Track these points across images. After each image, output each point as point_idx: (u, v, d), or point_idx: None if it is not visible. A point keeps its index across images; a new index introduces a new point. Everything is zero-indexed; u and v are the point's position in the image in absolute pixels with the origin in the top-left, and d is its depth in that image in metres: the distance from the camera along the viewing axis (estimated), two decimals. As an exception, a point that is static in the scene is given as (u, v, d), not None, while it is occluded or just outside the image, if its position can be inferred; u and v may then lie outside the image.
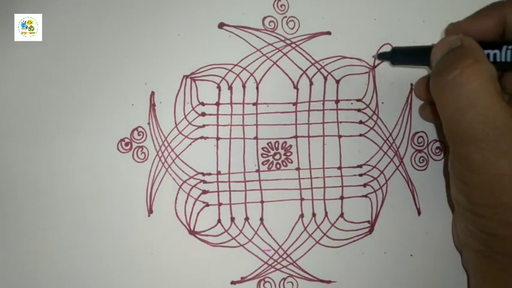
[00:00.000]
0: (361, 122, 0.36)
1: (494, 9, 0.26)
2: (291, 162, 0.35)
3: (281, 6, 0.36)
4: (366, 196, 0.36)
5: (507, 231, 0.25)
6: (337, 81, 0.36)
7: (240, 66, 0.35)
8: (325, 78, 0.36)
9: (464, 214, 0.27)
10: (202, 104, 0.35)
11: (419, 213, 0.35)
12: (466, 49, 0.25)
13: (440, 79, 0.24)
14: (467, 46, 0.25)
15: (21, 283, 0.34)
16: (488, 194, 0.24)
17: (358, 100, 0.36)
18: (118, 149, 0.34)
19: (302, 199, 0.35)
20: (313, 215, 0.35)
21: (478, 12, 0.27)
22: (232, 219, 0.35)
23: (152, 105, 0.35)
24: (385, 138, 0.36)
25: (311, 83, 0.36)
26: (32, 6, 0.34)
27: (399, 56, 0.32)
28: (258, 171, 0.35)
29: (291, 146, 0.35)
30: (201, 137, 0.35)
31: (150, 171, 0.34)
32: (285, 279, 0.35)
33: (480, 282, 0.28)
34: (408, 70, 0.35)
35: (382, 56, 0.34)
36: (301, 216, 0.35)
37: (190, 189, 0.35)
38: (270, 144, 0.35)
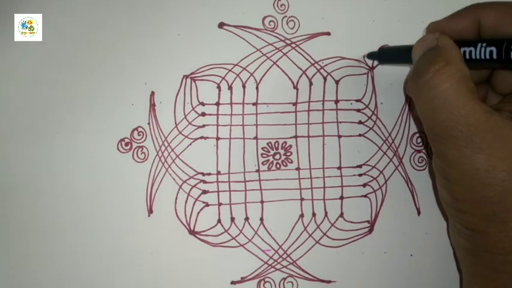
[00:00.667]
0: (360, 122, 0.36)
1: (470, 10, 0.28)
2: (291, 162, 0.35)
3: (281, 6, 0.36)
4: (365, 196, 0.36)
5: (489, 227, 0.25)
6: (337, 82, 0.36)
7: (240, 66, 0.35)
8: (325, 79, 0.36)
9: (450, 211, 0.28)
10: (202, 104, 0.35)
11: (419, 213, 0.35)
12: (439, 51, 0.26)
13: (415, 82, 0.27)
14: (441, 47, 0.26)
15: (22, 283, 0.34)
16: (468, 188, 0.25)
17: (357, 100, 0.36)
18: (118, 149, 0.34)
19: (302, 199, 0.35)
20: (313, 215, 0.35)
21: (456, 13, 0.29)
22: (232, 219, 0.35)
23: (152, 105, 0.35)
24: (384, 139, 0.36)
25: (311, 83, 0.36)
26: (32, 6, 0.34)
27: (385, 55, 0.34)
28: (258, 171, 0.35)
29: (290, 146, 0.35)
30: (201, 137, 0.35)
31: (150, 171, 0.34)
32: (285, 279, 0.35)
33: (470, 280, 0.28)
34: (408, 71, 0.36)
35: (371, 56, 0.35)
36: (301, 216, 0.35)
37: (190, 189, 0.35)
38: (270, 144, 0.35)
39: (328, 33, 0.36)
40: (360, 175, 0.36)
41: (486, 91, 0.31)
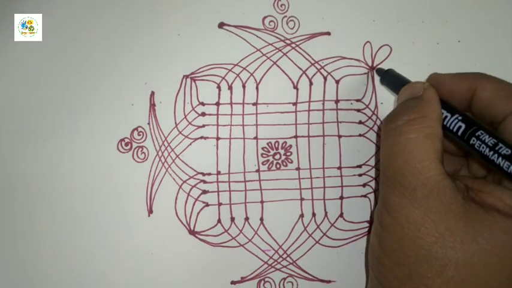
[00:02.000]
0: (360, 122, 0.36)
1: (471, 76, 0.28)
2: (291, 162, 0.35)
3: (281, 5, 0.36)
4: (365, 196, 0.36)
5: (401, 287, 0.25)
6: (337, 82, 0.36)
7: (240, 66, 0.35)
8: (325, 79, 0.36)
9: (372, 260, 0.28)
10: (202, 104, 0.35)
11: (418, 213, 0.35)
12: (420, 102, 0.26)
13: (386, 124, 0.27)
14: (424, 99, 0.27)
15: (21, 283, 0.34)
16: (395, 240, 0.25)
17: (357, 100, 0.36)
18: (118, 149, 0.34)
19: (302, 199, 0.35)
20: (313, 214, 0.35)
21: (458, 74, 0.29)
22: (232, 219, 0.35)
23: (152, 105, 0.35)
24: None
25: (311, 83, 0.36)
26: (32, 6, 0.34)
27: (388, 79, 0.34)
28: (258, 171, 0.35)
29: (291, 146, 0.35)
30: (201, 137, 0.35)
31: (150, 171, 0.35)
32: (285, 279, 0.35)
33: None
34: (407, 71, 0.35)
35: (378, 72, 0.35)
36: (301, 216, 0.35)
37: (190, 189, 0.35)
38: (270, 144, 0.35)
39: (328, 33, 0.36)
40: (360, 175, 0.36)
41: (461, 165, 0.31)
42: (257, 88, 0.35)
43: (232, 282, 0.35)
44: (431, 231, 0.24)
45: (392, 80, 0.33)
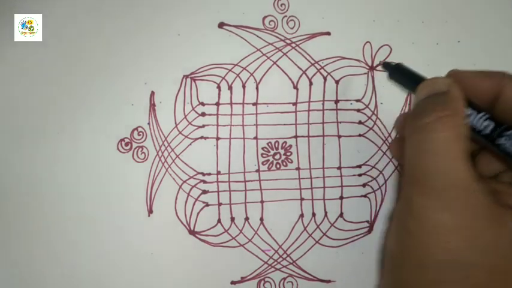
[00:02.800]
0: (360, 122, 0.36)
1: (499, 74, 0.27)
2: (291, 162, 0.35)
3: (281, 5, 0.36)
4: (365, 196, 0.36)
5: None
6: (337, 82, 0.36)
7: (240, 66, 0.35)
8: (325, 79, 0.36)
9: (389, 264, 0.27)
10: (202, 104, 0.35)
11: (418, 213, 0.35)
12: (450, 99, 0.25)
13: (415, 121, 0.25)
14: (452, 96, 0.25)
15: (22, 283, 0.34)
16: (421, 243, 0.24)
17: (357, 100, 0.36)
18: (118, 149, 0.34)
19: (302, 199, 0.35)
20: (313, 214, 0.35)
21: (483, 71, 0.27)
22: (232, 219, 0.35)
23: (152, 105, 0.35)
24: (384, 139, 0.36)
25: (311, 83, 0.36)
26: (32, 6, 0.34)
27: (398, 73, 0.32)
28: (258, 171, 0.35)
29: (290, 146, 0.35)
30: (201, 137, 0.35)
31: (150, 171, 0.35)
32: (285, 279, 0.35)
33: None
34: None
35: (385, 65, 0.33)
36: (301, 216, 0.35)
37: (190, 189, 0.35)
38: (270, 144, 0.35)
39: (328, 33, 0.36)
40: (360, 175, 0.36)
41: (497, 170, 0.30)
42: (257, 88, 0.35)
43: (232, 282, 0.35)
44: (462, 236, 0.23)
45: (405, 76, 0.31)
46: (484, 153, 0.29)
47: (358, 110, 0.36)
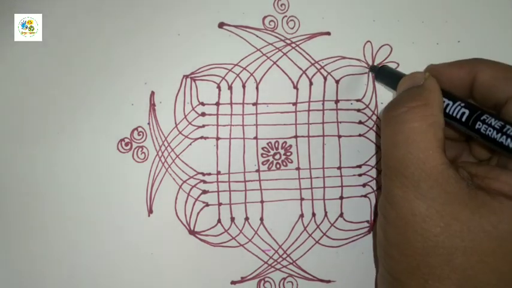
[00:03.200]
0: (360, 122, 0.36)
1: (470, 63, 0.28)
2: (291, 162, 0.35)
3: (281, 5, 0.36)
4: (365, 196, 0.36)
5: (410, 279, 0.25)
6: (337, 82, 0.36)
7: (240, 66, 0.35)
8: (325, 79, 0.36)
9: (380, 253, 0.28)
10: (202, 104, 0.35)
11: (418, 213, 0.35)
12: (422, 90, 0.26)
13: (388, 112, 0.26)
14: (425, 87, 0.26)
15: (22, 283, 0.34)
16: (400, 232, 0.25)
17: (357, 100, 0.36)
18: (118, 149, 0.34)
19: (302, 199, 0.35)
20: (313, 214, 0.35)
21: (456, 61, 0.29)
22: (232, 219, 0.35)
23: (152, 105, 0.35)
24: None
25: (311, 83, 0.36)
26: (32, 6, 0.34)
27: (382, 75, 0.34)
28: (258, 171, 0.35)
29: (290, 146, 0.35)
30: (201, 137, 0.35)
31: (150, 171, 0.35)
32: (284, 279, 0.35)
33: None
34: (408, 71, 0.35)
35: (372, 69, 0.35)
36: (301, 216, 0.35)
37: (190, 189, 0.35)
38: (270, 144, 0.35)
39: (328, 33, 0.36)
40: (360, 175, 0.36)
41: (462, 150, 0.31)
42: (257, 88, 0.35)
43: (232, 282, 0.35)
44: (437, 222, 0.24)
45: (388, 76, 0.33)
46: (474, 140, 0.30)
47: (358, 110, 0.36)
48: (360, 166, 0.36)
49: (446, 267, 0.24)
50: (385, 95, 0.36)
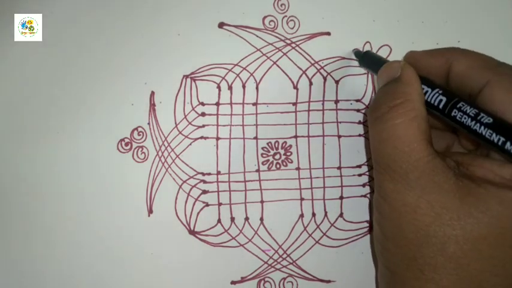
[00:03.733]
0: (360, 122, 0.36)
1: (446, 51, 0.28)
2: (291, 162, 0.35)
3: (281, 5, 0.36)
4: (365, 196, 0.36)
5: (407, 271, 0.25)
6: (337, 82, 0.36)
7: (240, 66, 0.35)
8: (325, 79, 0.36)
9: (377, 247, 0.28)
10: (202, 104, 0.35)
11: (418, 213, 0.35)
12: (400, 85, 0.27)
13: (371, 114, 0.27)
14: (403, 81, 0.27)
15: (22, 283, 0.34)
16: (395, 225, 0.25)
17: (357, 100, 0.36)
18: (118, 149, 0.34)
19: (302, 199, 0.35)
20: (313, 214, 0.35)
21: (433, 50, 0.29)
22: (232, 219, 0.35)
23: (152, 105, 0.35)
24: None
25: (311, 83, 0.36)
26: (32, 6, 0.34)
27: (366, 60, 0.34)
28: (258, 171, 0.35)
29: (290, 146, 0.35)
30: (201, 137, 0.35)
31: (150, 171, 0.35)
32: (284, 279, 0.35)
33: None
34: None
35: (356, 54, 0.35)
36: (301, 216, 0.35)
37: (190, 189, 0.35)
38: (270, 144, 0.35)
39: (328, 33, 0.36)
40: (360, 175, 0.36)
41: (453, 140, 0.31)
42: (257, 88, 0.35)
43: (232, 282, 0.35)
44: (427, 212, 0.24)
45: (371, 61, 0.33)
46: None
47: (358, 110, 0.36)
48: (359, 166, 0.36)
49: (440, 256, 0.24)
50: (385, 95, 0.36)
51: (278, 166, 0.35)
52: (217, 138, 0.35)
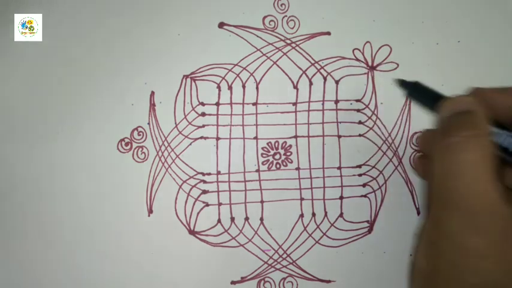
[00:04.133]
0: (360, 122, 0.36)
1: None
2: (291, 162, 0.35)
3: (281, 5, 0.36)
4: (365, 196, 0.36)
5: None
6: (337, 82, 0.36)
7: (240, 66, 0.35)
8: (325, 79, 0.36)
9: (419, 282, 0.26)
10: (202, 104, 0.35)
11: (418, 213, 0.35)
12: (476, 118, 0.24)
13: (442, 140, 0.25)
14: (476, 114, 0.24)
15: (22, 283, 0.34)
16: (455, 265, 0.24)
17: (357, 100, 0.36)
18: (118, 149, 0.34)
19: (302, 199, 0.35)
20: (313, 214, 0.35)
21: (504, 87, 0.27)
22: (232, 219, 0.35)
23: (152, 105, 0.35)
24: (384, 139, 0.36)
25: (311, 83, 0.36)
26: (32, 6, 0.34)
27: (418, 92, 0.30)
28: (258, 171, 0.35)
29: (290, 145, 0.35)
30: (201, 137, 0.35)
31: (150, 171, 0.35)
32: (284, 279, 0.35)
33: None
34: (407, 71, 0.35)
35: (403, 84, 0.30)
36: (301, 216, 0.35)
37: (190, 189, 0.35)
38: (269, 144, 0.35)
39: (328, 33, 0.36)
40: (360, 175, 0.36)
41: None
42: (257, 88, 0.35)
43: (232, 282, 0.35)
44: (492, 259, 0.23)
45: (424, 94, 0.29)
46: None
47: (358, 110, 0.36)
48: (359, 166, 0.36)
49: None
50: (385, 96, 0.36)
51: (278, 166, 0.35)
52: (217, 138, 0.35)
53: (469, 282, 0.23)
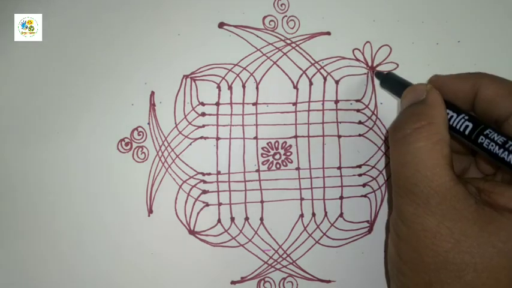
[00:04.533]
0: (360, 122, 0.36)
1: (473, 76, 0.28)
2: (291, 162, 0.35)
3: (281, 5, 0.36)
4: (365, 196, 0.36)
5: None
6: (337, 82, 0.36)
7: (240, 66, 0.35)
8: (325, 79, 0.36)
9: (392, 271, 0.28)
10: (202, 104, 0.35)
11: (418, 213, 0.35)
12: (425, 108, 0.26)
13: (394, 135, 0.27)
14: (428, 103, 0.26)
15: (21, 283, 0.34)
16: (412, 249, 0.25)
17: (357, 100, 0.36)
18: (118, 149, 0.34)
19: (302, 199, 0.35)
20: (313, 214, 0.35)
21: (459, 74, 0.29)
22: (232, 219, 0.35)
23: (152, 105, 0.35)
24: (384, 139, 0.36)
25: (311, 83, 0.36)
26: (32, 6, 0.34)
27: (388, 82, 0.33)
28: (258, 171, 0.35)
29: (290, 145, 0.35)
30: (201, 137, 0.35)
31: (150, 171, 0.35)
32: (284, 279, 0.35)
33: None
34: (407, 71, 0.35)
35: (377, 75, 0.35)
36: (301, 216, 0.35)
37: (190, 189, 0.35)
38: (269, 144, 0.35)
39: (328, 33, 0.36)
40: (360, 175, 0.36)
41: (469, 163, 0.31)
42: (257, 88, 0.35)
43: (232, 282, 0.35)
44: (447, 238, 0.24)
45: (393, 83, 0.33)
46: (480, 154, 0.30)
47: (358, 110, 0.36)
48: (359, 166, 0.36)
49: (457, 283, 0.24)
50: (385, 95, 0.36)
51: (278, 166, 0.35)
52: (217, 138, 0.35)
53: (426, 262, 0.25)
